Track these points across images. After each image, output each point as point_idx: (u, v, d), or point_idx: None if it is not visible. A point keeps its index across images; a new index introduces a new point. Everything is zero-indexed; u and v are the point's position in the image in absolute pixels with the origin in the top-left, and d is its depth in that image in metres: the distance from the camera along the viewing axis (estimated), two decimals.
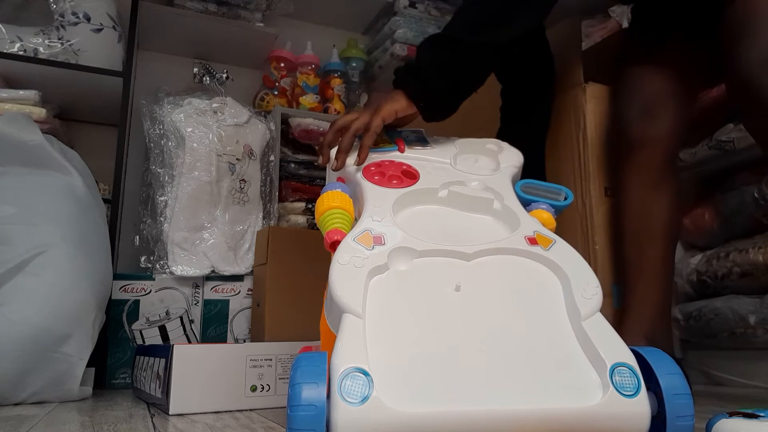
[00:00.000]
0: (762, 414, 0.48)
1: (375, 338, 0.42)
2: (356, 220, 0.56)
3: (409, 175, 0.61)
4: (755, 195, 1.20)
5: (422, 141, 0.69)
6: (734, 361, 1.25)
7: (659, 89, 0.90)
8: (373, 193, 0.57)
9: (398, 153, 0.66)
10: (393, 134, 0.69)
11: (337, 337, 0.42)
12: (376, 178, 0.60)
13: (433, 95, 0.71)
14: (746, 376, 1.22)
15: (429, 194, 0.60)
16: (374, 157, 0.64)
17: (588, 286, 0.49)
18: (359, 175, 0.61)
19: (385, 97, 0.72)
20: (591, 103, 1.00)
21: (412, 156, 0.66)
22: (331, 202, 0.54)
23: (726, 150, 1.25)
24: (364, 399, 0.38)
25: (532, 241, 0.53)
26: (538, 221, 0.57)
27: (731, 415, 0.49)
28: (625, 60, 0.95)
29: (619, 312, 0.92)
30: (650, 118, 0.89)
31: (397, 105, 0.70)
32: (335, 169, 0.66)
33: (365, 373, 0.39)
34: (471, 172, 0.64)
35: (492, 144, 0.70)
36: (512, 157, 0.68)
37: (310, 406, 0.37)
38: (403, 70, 0.73)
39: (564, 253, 0.53)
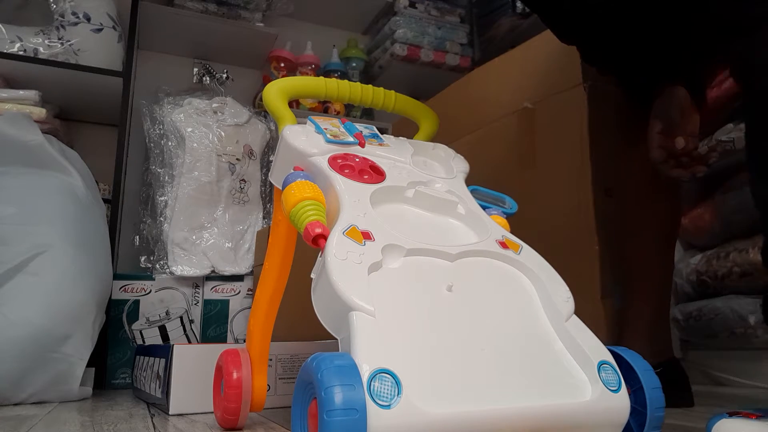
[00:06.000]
0: (762, 414, 0.48)
1: (389, 337, 0.42)
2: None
3: (377, 171, 0.59)
4: None
5: (377, 138, 0.68)
6: (734, 361, 1.25)
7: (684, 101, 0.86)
8: (348, 186, 0.55)
9: (359, 148, 0.63)
10: (351, 128, 0.67)
11: (352, 337, 0.41)
12: (347, 171, 0.57)
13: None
14: (746, 376, 1.22)
15: (397, 192, 0.59)
16: (335, 149, 0.61)
17: (562, 290, 0.51)
18: (327, 167, 0.58)
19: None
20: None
21: (372, 152, 0.64)
22: (303, 192, 0.52)
23: (726, 150, 1.25)
24: (395, 401, 0.37)
25: (503, 245, 0.54)
26: (500, 226, 0.58)
27: (731, 415, 0.49)
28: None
29: (620, 312, 0.92)
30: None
31: None
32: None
33: (392, 374, 0.38)
34: (430, 174, 0.63)
35: (441, 150, 0.70)
36: (462, 164, 0.69)
37: (350, 410, 0.35)
38: None
39: (533, 257, 0.54)
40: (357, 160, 0.60)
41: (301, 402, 0.41)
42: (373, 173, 0.59)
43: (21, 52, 1.37)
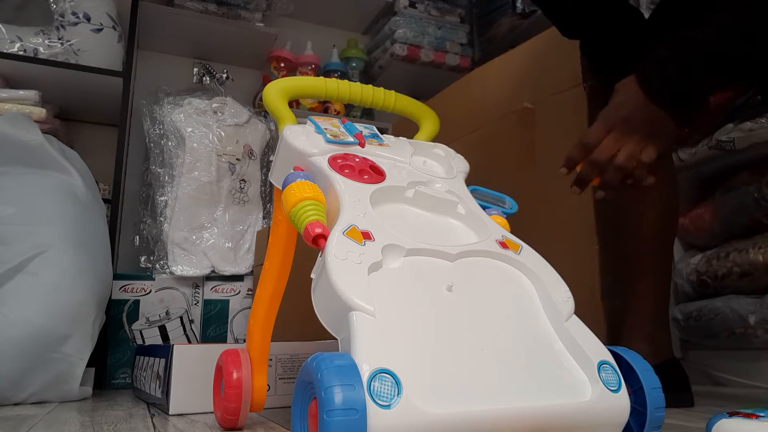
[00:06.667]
0: (762, 414, 0.48)
1: (389, 337, 0.42)
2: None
3: (377, 171, 0.59)
4: (755, 195, 1.20)
5: (377, 138, 0.68)
6: (734, 361, 1.25)
7: None
8: (348, 186, 0.55)
9: (359, 148, 0.64)
10: (351, 128, 0.67)
11: (352, 337, 0.41)
12: (347, 171, 0.57)
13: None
14: (746, 376, 1.22)
15: (397, 192, 0.59)
16: (335, 149, 0.61)
17: (562, 290, 0.51)
18: (327, 167, 0.58)
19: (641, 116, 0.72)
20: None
21: (372, 152, 0.64)
22: (303, 192, 0.52)
23: (726, 150, 1.25)
24: (396, 401, 0.37)
25: (503, 245, 0.54)
26: (500, 226, 0.58)
27: (731, 415, 0.49)
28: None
29: (620, 312, 0.92)
30: None
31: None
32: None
33: (392, 374, 0.38)
34: (429, 174, 0.63)
35: (441, 149, 0.70)
36: (462, 164, 0.69)
37: (350, 410, 0.35)
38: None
39: (533, 257, 0.54)
40: (357, 160, 0.60)
41: (301, 402, 0.41)
42: (373, 173, 0.59)
43: (21, 52, 1.37)
